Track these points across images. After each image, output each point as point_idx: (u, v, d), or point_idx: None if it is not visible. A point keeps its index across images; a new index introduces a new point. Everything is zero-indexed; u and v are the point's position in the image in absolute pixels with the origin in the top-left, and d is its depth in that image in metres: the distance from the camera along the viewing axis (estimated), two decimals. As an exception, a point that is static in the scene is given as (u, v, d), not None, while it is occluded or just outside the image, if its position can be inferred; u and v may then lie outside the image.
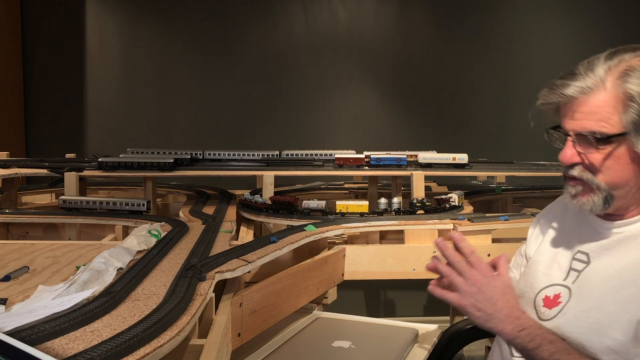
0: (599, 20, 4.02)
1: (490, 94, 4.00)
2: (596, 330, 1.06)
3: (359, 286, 3.84)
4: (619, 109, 1.04)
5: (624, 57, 1.07)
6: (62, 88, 3.95)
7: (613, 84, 1.05)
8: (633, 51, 1.08)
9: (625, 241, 1.11)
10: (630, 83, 1.03)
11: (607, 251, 1.13)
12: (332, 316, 1.67)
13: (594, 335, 1.06)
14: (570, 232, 1.23)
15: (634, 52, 1.08)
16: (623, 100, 1.03)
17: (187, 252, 1.50)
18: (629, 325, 1.02)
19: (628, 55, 1.08)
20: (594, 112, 1.05)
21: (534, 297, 1.22)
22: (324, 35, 4.02)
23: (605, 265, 1.12)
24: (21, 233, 2.22)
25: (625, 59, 1.07)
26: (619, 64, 1.06)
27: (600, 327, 1.05)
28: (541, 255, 1.29)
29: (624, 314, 1.03)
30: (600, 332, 1.05)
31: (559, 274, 1.20)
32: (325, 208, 2.14)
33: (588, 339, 1.07)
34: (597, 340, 1.05)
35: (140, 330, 0.87)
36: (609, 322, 1.05)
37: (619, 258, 1.10)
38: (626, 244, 1.10)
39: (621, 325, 1.03)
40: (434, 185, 3.25)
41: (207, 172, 2.53)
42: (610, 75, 1.05)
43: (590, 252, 1.16)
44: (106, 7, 3.98)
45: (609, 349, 1.04)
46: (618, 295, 1.06)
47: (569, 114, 1.09)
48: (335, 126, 4.03)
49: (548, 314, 1.17)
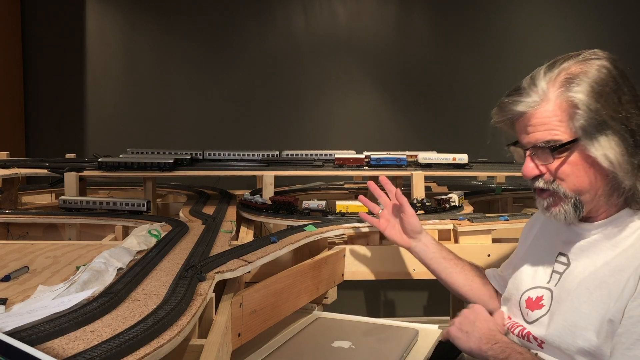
0: (600, 21, 4.02)
1: (490, 94, 3.99)
2: (571, 332, 1.08)
3: (359, 286, 3.84)
4: (566, 117, 1.07)
5: (563, 66, 1.11)
6: (62, 88, 3.95)
7: (556, 94, 1.08)
8: (572, 59, 1.12)
9: (600, 242, 1.13)
10: (572, 91, 1.06)
11: (584, 253, 1.15)
12: (332, 316, 1.67)
13: (569, 337, 1.08)
14: (555, 234, 1.25)
15: (573, 60, 1.11)
16: (568, 108, 1.07)
17: (187, 252, 1.50)
18: (601, 326, 1.03)
19: (567, 63, 1.11)
20: (544, 124, 1.09)
21: (519, 299, 1.25)
22: (324, 35, 4.02)
23: (581, 267, 1.14)
24: (21, 233, 2.22)
25: (565, 68, 1.10)
26: (559, 74, 1.10)
27: (575, 328, 1.07)
28: (527, 257, 1.32)
29: (596, 315, 1.05)
30: (574, 334, 1.07)
31: (543, 277, 1.23)
32: (326, 208, 2.14)
33: (563, 341, 1.09)
34: (572, 342, 1.07)
35: (140, 330, 0.87)
36: (583, 323, 1.06)
37: (593, 259, 1.12)
38: (600, 245, 1.12)
39: (594, 327, 1.05)
40: (434, 186, 3.25)
41: (207, 172, 2.53)
42: (552, 86, 1.09)
43: (570, 254, 1.18)
44: (106, 7, 3.99)
45: (583, 350, 1.05)
46: (591, 296, 1.08)
47: (522, 129, 1.14)
48: (335, 126, 4.03)
49: (531, 316, 1.19)
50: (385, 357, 1.38)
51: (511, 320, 1.27)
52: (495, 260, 1.93)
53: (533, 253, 1.31)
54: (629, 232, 1.09)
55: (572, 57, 1.12)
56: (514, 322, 1.25)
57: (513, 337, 1.24)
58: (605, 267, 1.08)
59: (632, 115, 1.06)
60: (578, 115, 1.05)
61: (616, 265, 1.06)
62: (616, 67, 1.09)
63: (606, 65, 1.08)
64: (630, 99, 1.07)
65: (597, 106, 1.04)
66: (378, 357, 1.39)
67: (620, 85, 1.07)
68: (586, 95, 1.05)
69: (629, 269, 1.03)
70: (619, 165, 1.04)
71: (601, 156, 1.05)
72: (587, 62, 1.09)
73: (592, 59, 1.09)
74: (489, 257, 1.93)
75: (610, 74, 1.07)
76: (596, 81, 1.06)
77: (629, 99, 1.07)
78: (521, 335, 1.21)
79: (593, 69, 1.08)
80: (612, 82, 1.06)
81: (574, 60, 1.11)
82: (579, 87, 1.06)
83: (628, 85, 1.08)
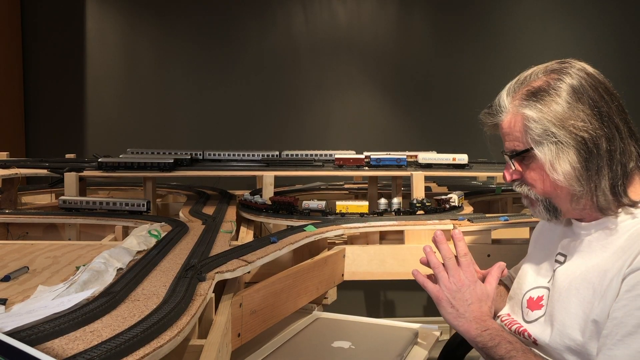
0: (600, 20, 4.02)
1: (490, 95, 3.98)
2: (559, 331, 1.10)
3: (359, 286, 3.84)
4: (522, 129, 1.14)
5: (530, 79, 1.17)
6: (62, 88, 3.95)
7: (514, 107, 1.16)
8: (540, 71, 1.17)
9: (593, 243, 1.15)
10: (526, 107, 1.13)
11: (579, 253, 1.17)
12: (332, 316, 1.67)
13: (558, 336, 1.10)
14: (556, 234, 1.27)
15: (540, 72, 1.17)
16: (522, 121, 1.14)
17: (187, 252, 1.50)
18: (586, 326, 1.05)
19: (535, 74, 1.17)
20: (509, 133, 1.18)
21: (521, 298, 1.26)
22: (324, 35, 4.02)
23: (574, 267, 1.15)
24: (21, 233, 2.22)
25: (530, 81, 1.16)
26: (520, 87, 1.17)
27: (563, 328, 1.09)
28: (532, 257, 1.34)
29: (582, 314, 1.07)
30: (562, 333, 1.09)
31: (544, 276, 1.24)
32: (325, 208, 2.14)
33: (553, 340, 1.10)
34: (560, 340, 1.09)
35: (140, 330, 0.87)
36: (570, 322, 1.08)
37: (586, 260, 1.14)
38: (593, 245, 1.14)
39: (579, 326, 1.06)
40: (434, 186, 3.25)
41: (207, 172, 2.53)
42: (513, 99, 1.17)
43: (567, 254, 1.19)
44: (106, 7, 3.99)
45: (570, 349, 1.07)
46: (579, 296, 1.09)
47: (502, 137, 1.23)
48: (335, 126, 4.03)
49: (531, 316, 1.21)
50: (385, 358, 1.38)
51: (510, 317, 1.27)
52: (495, 261, 1.92)
53: (536, 253, 1.33)
54: (620, 234, 1.10)
55: (540, 70, 1.17)
56: (513, 319, 1.26)
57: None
58: (594, 268, 1.09)
59: (587, 127, 1.07)
60: (529, 127, 1.12)
61: (604, 266, 1.07)
62: (580, 78, 1.11)
63: (567, 79, 1.11)
64: (591, 111, 1.08)
65: (545, 118, 1.10)
66: (378, 358, 1.39)
67: (579, 97, 1.09)
68: (536, 110, 1.11)
69: (614, 270, 1.04)
70: (566, 175, 1.09)
71: (547, 164, 1.11)
72: (549, 74, 1.14)
73: (557, 71, 1.14)
74: (488, 257, 1.93)
75: (569, 87, 1.10)
76: (550, 94, 1.11)
77: (590, 112, 1.08)
78: (517, 332, 1.21)
79: (552, 82, 1.12)
80: (568, 95, 1.10)
81: (539, 73, 1.16)
82: (531, 102, 1.12)
83: (590, 96, 1.10)
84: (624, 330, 0.98)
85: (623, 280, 1.01)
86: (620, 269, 1.03)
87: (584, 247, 1.15)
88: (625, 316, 0.99)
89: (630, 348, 0.97)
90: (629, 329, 0.98)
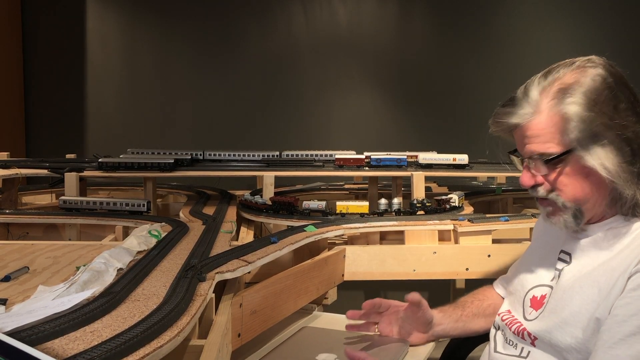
0: (601, 20, 4.02)
1: (490, 95, 3.98)
2: (561, 328, 1.09)
3: (359, 287, 3.84)
4: (560, 129, 1.06)
5: (558, 74, 1.09)
6: (63, 88, 3.95)
7: (548, 106, 1.07)
8: (566, 67, 1.10)
9: (599, 242, 1.13)
10: (564, 103, 1.05)
11: (585, 252, 1.15)
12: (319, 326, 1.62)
13: (559, 334, 1.09)
14: (559, 232, 1.25)
15: (568, 68, 1.09)
16: (561, 121, 1.06)
17: (187, 252, 1.50)
18: (588, 324, 1.04)
19: (561, 72, 1.09)
20: (538, 135, 1.08)
21: (524, 296, 1.25)
22: (324, 35, 4.02)
23: (580, 266, 1.15)
24: (21, 233, 2.22)
25: (559, 77, 1.09)
26: (552, 83, 1.09)
27: (564, 325, 1.09)
28: (533, 254, 1.33)
29: (585, 312, 1.06)
30: (564, 331, 1.08)
31: (546, 274, 1.23)
32: (326, 208, 2.14)
33: (554, 337, 1.10)
34: (561, 338, 1.08)
35: (140, 330, 0.87)
36: (572, 320, 1.08)
37: (592, 259, 1.13)
38: (600, 245, 1.13)
39: (581, 324, 1.06)
40: (434, 186, 3.25)
41: (208, 172, 2.53)
42: (544, 97, 1.08)
43: (572, 253, 1.19)
44: (107, 7, 3.99)
45: (571, 347, 1.07)
46: (582, 294, 1.08)
47: (519, 140, 1.13)
48: (335, 126, 4.03)
49: (533, 315, 1.19)
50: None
51: (510, 315, 1.27)
52: (495, 261, 1.93)
53: (538, 250, 1.31)
54: (627, 234, 1.09)
55: (566, 66, 1.11)
56: (513, 317, 1.25)
57: (509, 333, 1.24)
58: (600, 268, 1.09)
59: (628, 123, 1.04)
60: (571, 127, 1.05)
61: (610, 265, 1.07)
62: (612, 74, 1.07)
63: (601, 73, 1.07)
64: (627, 106, 1.06)
65: (590, 116, 1.03)
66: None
67: (616, 93, 1.06)
68: (579, 107, 1.04)
69: (620, 269, 1.04)
70: (617, 174, 1.04)
71: (599, 166, 1.04)
72: (581, 70, 1.08)
73: (587, 67, 1.08)
74: (489, 257, 1.93)
75: (605, 82, 1.06)
76: (590, 90, 1.05)
77: (626, 107, 1.06)
78: (517, 331, 1.21)
79: (587, 77, 1.07)
80: (606, 91, 1.05)
81: (568, 69, 1.10)
82: (571, 99, 1.05)
83: (625, 92, 1.07)
84: (627, 330, 0.98)
85: (629, 278, 1.01)
86: (627, 267, 1.03)
87: (590, 246, 1.14)
88: (628, 315, 0.99)
89: (632, 348, 0.97)
90: (631, 329, 0.98)
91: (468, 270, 1.93)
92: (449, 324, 1.41)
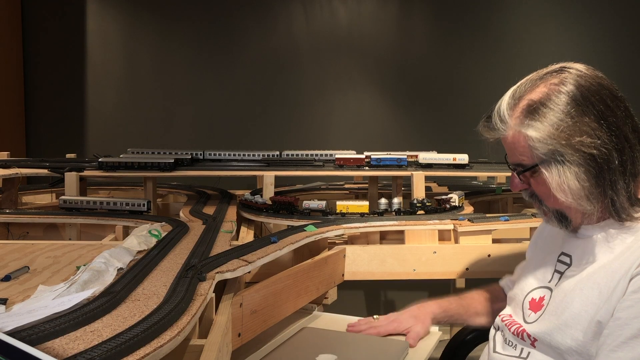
0: (601, 20, 4.02)
1: (491, 95, 3.98)
2: (562, 330, 1.09)
3: (359, 286, 3.84)
4: (527, 145, 1.09)
5: (526, 89, 1.11)
6: (63, 88, 3.95)
7: (514, 124, 1.11)
8: (537, 80, 1.11)
9: (599, 244, 1.13)
10: (525, 125, 1.08)
11: (585, 254, 1.15)
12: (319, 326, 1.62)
13: (559, 336, 1.09)
14: (558, 234, 1.26)
15: (538, 81, 1.10)
16: (525, 139, 1.09)
17: (187, 252, 1.50)
18: (589, 326, 1.04)
19: (531, 85, 1.11)
20: (514, 148, 1.13)
21: (523, 299, 1.25)
22: (324, 35, 4.01)
23: (581, 268, 1.15)
24: (21, 233, 2.22)
25: (527, 92, 1.10)
26: (519, 101, 1.11)
27: (565, 327, 1.08)
28: (533, 257, 1.33)
29: (586, 315, 1.06)
30: (564, 333, 1.08)
31: (545, 276, 1.23)
32: (326, 208, 2.14)
33: (554, 339, 1.10)
34: (562, 340, 1.08)
35: (141, 330, 0.87)
36: (572, 322, 1.07)
37: (592, 260, 1.13)
38: (599, 247, 1.13)
39: (582, 326, 1.05)
40: (435, 186, 3.24)
41: (208, 172, 2.53)
42: (511, 115, 1.12)
43: (572, 255, 1.18)
44: (107, 7, 3.99)
45: (571, 349, 1.07)
46: (583, 296, 1.08)
47: (505, 147, 1.18)
48: (335, 126, 4.02)
49: (532, 317, 1.19)
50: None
51: (511, 318, 1.27)
52: (495, 261, 1.93)
53: (538, 253, 1.32)
54: (627, 235, 1.09)
55: (534, 80, 1.12)
56: (513, 320, 1.26)
57: (508, 334, 1.24)
58: (601, 270, 1.08)
59: (594, 139, 1.02)
60: (534, 145, 1.07)
61: (611, 267, 1.07)
62: (580, 87, 1.05)
63: (568, 89, 1.05)
64: (596, 119, 1.03)
65: (550, 137, 1.04)
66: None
67: (583, 109, 1.04)
68: (538, 128, 1.06)
69: (621, 271, 1.03)
70: (574, 195, 1.05)
71: (555, 185, 1.06)
72: (548, 86, 1.08)
73: (553, 82, 1.08)
74: (489, 257, 1.93)
75: (571, 98, 1.05)
76: (553, 110, 1.05)
77: (593, 120, 1.03)
78: (516, 333, 1.21)
79: (552, 94, 1.06)
80: (571, 108, 1.04)
81: (536, 83, 1.11)
82: (531, 121, 1.07)
83: (595, 105, 1.04)
84: (629, 333, 0.97)
85: (630, 280, 1.01)
86: (628, 269, 1.02)
87: (590, 248, 1.13)
88: (629, 318, 0.98)
89: (634, 351, 0.96)
90: (633, 332, 0.97)
91: (468, 270, 1.94)
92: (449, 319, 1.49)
